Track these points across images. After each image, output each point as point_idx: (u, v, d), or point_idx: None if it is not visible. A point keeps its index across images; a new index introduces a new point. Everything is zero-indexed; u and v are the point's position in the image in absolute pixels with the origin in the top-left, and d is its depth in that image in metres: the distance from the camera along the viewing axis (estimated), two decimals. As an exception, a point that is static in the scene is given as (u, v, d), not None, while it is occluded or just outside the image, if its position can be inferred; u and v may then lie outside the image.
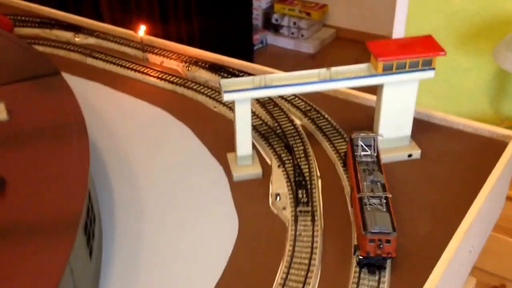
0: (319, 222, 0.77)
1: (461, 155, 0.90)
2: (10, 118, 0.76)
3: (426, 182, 0.85)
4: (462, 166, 0.88)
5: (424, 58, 0.82)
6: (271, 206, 0.82)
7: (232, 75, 1.13)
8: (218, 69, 1.15)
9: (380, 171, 0.79)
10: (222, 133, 0.98)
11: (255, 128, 0.97)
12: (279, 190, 0.83)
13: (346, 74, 0.84)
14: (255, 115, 1.00)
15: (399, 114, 0.88)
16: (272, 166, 0.89)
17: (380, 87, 0.86)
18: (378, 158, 0.81)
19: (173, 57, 1.20)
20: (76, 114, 0.75)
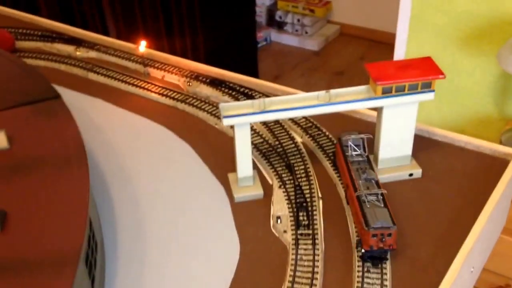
0: (320, 246, 0.78)
1: (462, 174, 0.90)
2: (10, 146, 0.76)
3: (427, 202, 0.85)
4: (463, 185, 0.88)
5: (423, 81, 0.82)
6: (272, 229, 0.82)
7: (233, 90, 1.13)
8: (219, 84, 1.15)
9: (372, 169, 0.84)
10: (223, 151, 0.98)
11: (256, 146, 0.97)
12: (280, 212, 0.83)
13: (345, 96, 0.84)
14: (256, 133, 1.00)
15: (400, 134, 0.88)
16: (273, 186, 0.89)
17: (380, 108, 0.86)
18: (368, 157, 0.86)
19: (174, 71, 1.20)
20: (76, 143, 0.75)
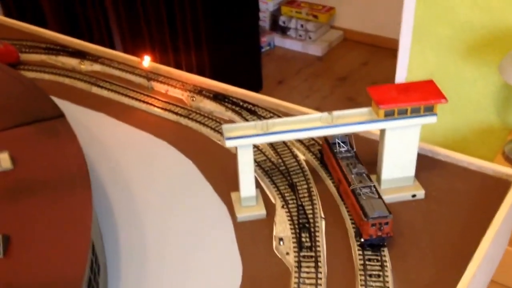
0: (323, 269, 0.78)
1: (465, 195, 0.90)
2: (14, 167, 0.76)
3: (430, 224, 0.85)
4: (466, 207, 0.88)
5: (425, 105, 0.82)
6: (275, 250, 0.82)
7: (236, 106, 1.13)
8: (223, 99, 1.15)
9: (361, 164, 0.89)
10: (226, 168, 0.98)
11: (259, 164, 0.98)
12: (283, 233, 0.83)
13: (347, 118, 0.84)
14: (259, 150, 1.01)
15: (402, 156, 0.88)
16: (276, 206, 0.89)
17: (382, 130, 0.86)
18: (355, 153, 0.91)
19: (178, 85, 1.20)
20: (79, 164, 0.75)
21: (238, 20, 3.12)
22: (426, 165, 0.96)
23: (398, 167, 0.89)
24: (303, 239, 0.82)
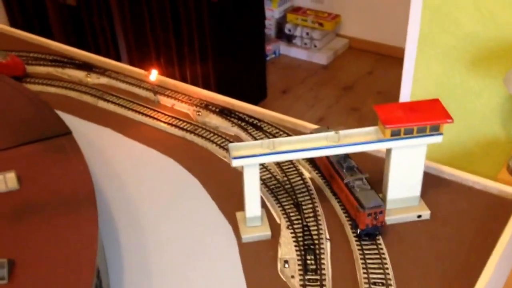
0: (327, 292, 0.78)
1: (470, 215, 0.90)
2: (20, 187, 0.77)
3: (435, 246, 0.85)
4: (471, 228, 0.88)
5: (431, 125, 0.82)
6: (280, 273, 0.82)
7: (242, 121, 1.13)
8: (229, 114, 1.15)
9: (350, 158, 0.92)
10: (231, 186, 0.98)
11: (264, 182, 0.98)
12: (288, 255, 0.83)
13: (354, 137, 0.84)
14: (264, 167, 1.01)
15: (408, 175, 0.88)
16: (281, 226, 0.89)
17: (388, 150, 0.86)
18: None
19: (184, 99, 1.20)
20: (85, 185, 0.75)
21: (244, 28, 3.13)
22: (431, 183, 0.95)
23: (404, 187, 0.89)
24: (309, 262, 0.81)
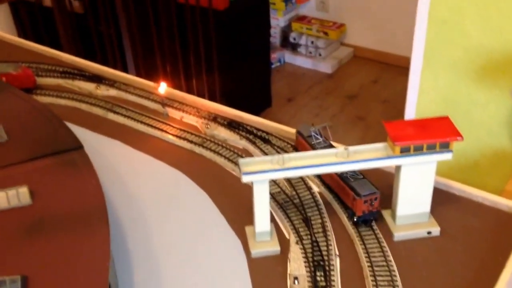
0: (337, 309, 0.78)
1: (480, 232, 0.90)
2: (32, 202, 0.77)
3: (445, 262, 0.85)
4: (481, 245, 0.87)
5: (441, 142, 0.82)
6: (289, 289, 0.82)
7: (250, 134, 1.14)
8: (237, 127, 1.16)
9: None
10: (240, 199, 0.99)
11: (273, 196, 0.98)
12: (297, 271, 0.83)
13: (363, 154, 0.85)
14: (273, 182, 1.01)
15: (418, 191, 0.88)
16: (290, 241, 0.89)
17: (398, 167, 0.86)
18: (330, 143, 1.01)
19: (192, 112, 1.21)
20: (97, 200, 0.76)
21: (249, 37, 3.14)
22: (440, 199, 0.95)
23: (413, 203, 0.89)
24: (318, 278, 0.82)
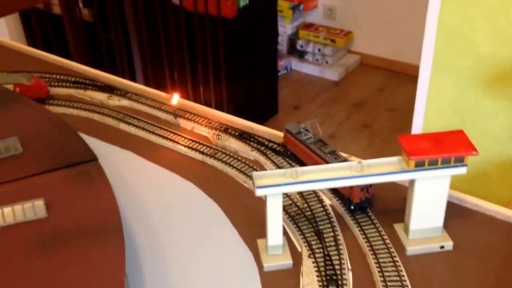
0: (350, 323, 0.78)
1: (493, 246, 0.90)
2: (48, 215, 0.78)
3: (458, 277, 0.85)
4: (495, 260, 0.87)
5: (456, 156, 0.82)
6: (302, 302, 0.82)
7: (261, 145, 1.14)
8: (248, 138, 1.16)
9: (327, 144, 1.02)
10: (251, 211, 0.99)
11: (285, 209, 0.98)
12: (310, 286, 0.83)
13: (377, 168, 0.85)
14: (285, 194, 1.01)
15: (431, 205, 0.88)
16: (302, 255, 0.89)
17: (412, 180, 0.86)
18: (319, 138, 1.04)
19: (203, 123, 1.22)
20: (112, 213, 0.76)
21: (257, 45, 3.15)
22: (453, 213, 0.95)
23: (427, 217, 0.89)
24: (331, 292, 0.82)
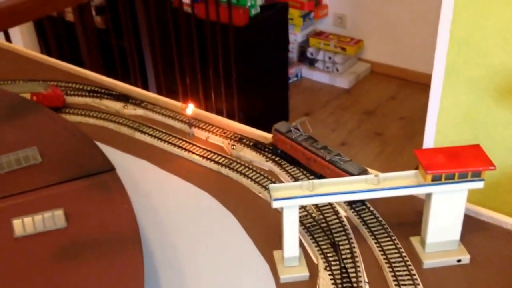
0: (367, 336, 0.78)
1: (510, 260, 0.89)
2: (67, 225, 0.78)
3: (474, 291, 0.85)
4: (511, 274, 0.87)
5: (473, 171, 0.82)
6: (319, 315, 0.82)
7: (276, 156, 1.14)
8: (263, 148, 1.17)
9: (318, 141, 1.05)
10: (267, 222, 0.99)
11: (300, 220, 0.98)
12: (327, 298, 0.83)
13: (394, 181, 0.85)
14: (301, 205, 1.01)
15: (448, 219, 0.88)
16: (318, 267, 0.89)
17: (428, 194, 0.86)
18: (310, 135, 1.06)
19: (218, 132, 1.22)
20: (130, 224, 0.77)
21: (268, 52, 3.16)
22: (469, 226, 0.95)
23: (443, 231, 0.89)
24: (348, 304, 0.82)
